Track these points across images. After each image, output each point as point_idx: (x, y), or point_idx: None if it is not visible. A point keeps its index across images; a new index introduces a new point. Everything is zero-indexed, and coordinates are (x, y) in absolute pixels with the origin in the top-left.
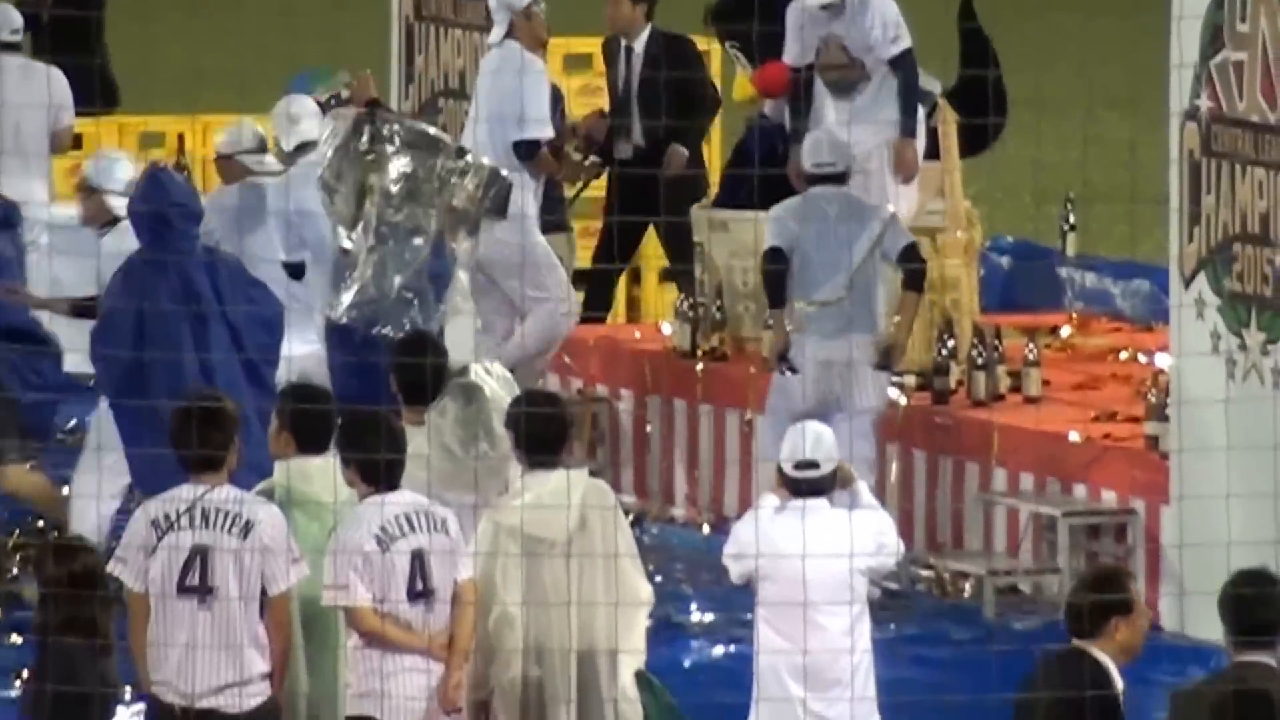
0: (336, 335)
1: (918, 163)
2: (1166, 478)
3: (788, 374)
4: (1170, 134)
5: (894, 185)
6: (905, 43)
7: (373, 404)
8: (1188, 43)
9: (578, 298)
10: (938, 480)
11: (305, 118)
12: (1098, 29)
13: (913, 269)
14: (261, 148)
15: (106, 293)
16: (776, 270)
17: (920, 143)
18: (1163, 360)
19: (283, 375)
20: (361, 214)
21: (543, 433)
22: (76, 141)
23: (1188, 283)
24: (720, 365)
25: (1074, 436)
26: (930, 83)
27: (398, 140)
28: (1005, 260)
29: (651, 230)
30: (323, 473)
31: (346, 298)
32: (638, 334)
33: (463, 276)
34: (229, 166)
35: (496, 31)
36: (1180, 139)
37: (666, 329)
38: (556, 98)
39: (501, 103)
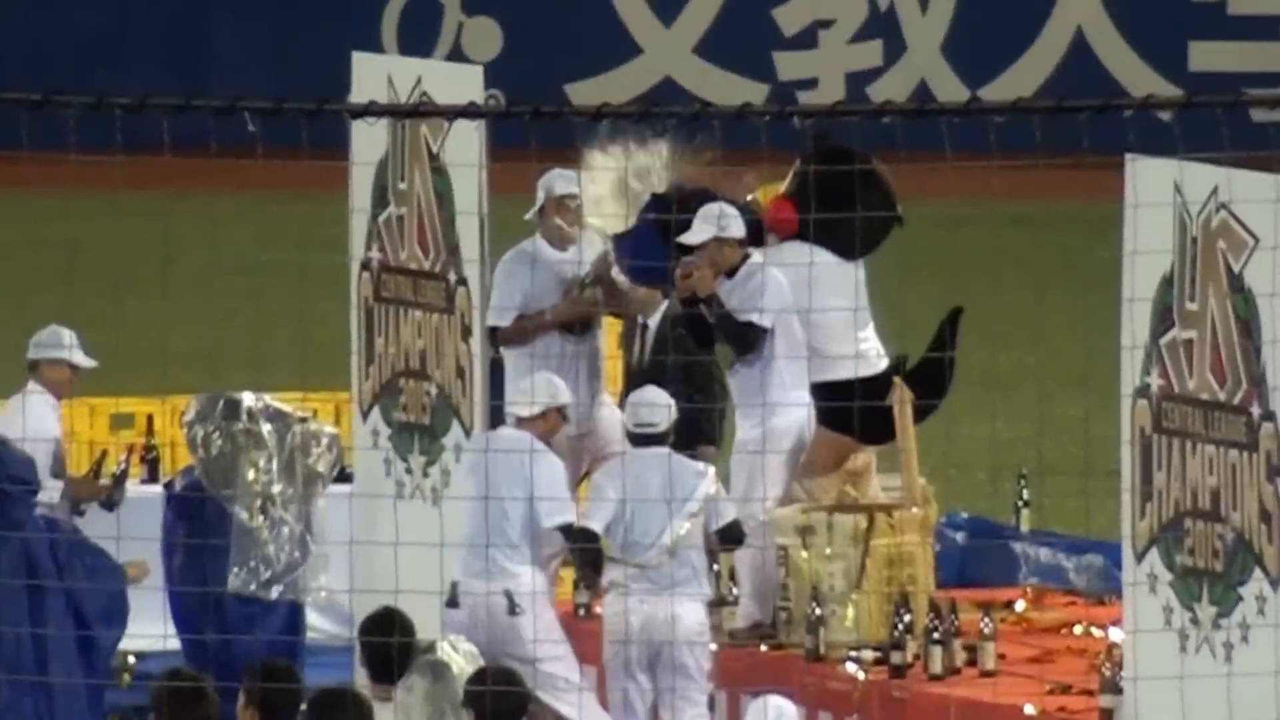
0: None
1: None
2: None
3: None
4: (1122, 412)
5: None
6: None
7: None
8: (1139, 322)
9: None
10: None
11: None
12: (1051, 308)
13: (730, 539)
14: None
15: None
16: (589, 550)
17: None
18: (1116, 634)
19: None
20: (247, 490)
21: (501, 709)
22: None
23: (1140, 558)
24: None
25: (1029, 709)
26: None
27: (260, 418)
28: (960, 536)
29: None
30: None
31: (245, 572)
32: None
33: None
34: None
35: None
36: (1132, 417)
37: None
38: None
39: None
